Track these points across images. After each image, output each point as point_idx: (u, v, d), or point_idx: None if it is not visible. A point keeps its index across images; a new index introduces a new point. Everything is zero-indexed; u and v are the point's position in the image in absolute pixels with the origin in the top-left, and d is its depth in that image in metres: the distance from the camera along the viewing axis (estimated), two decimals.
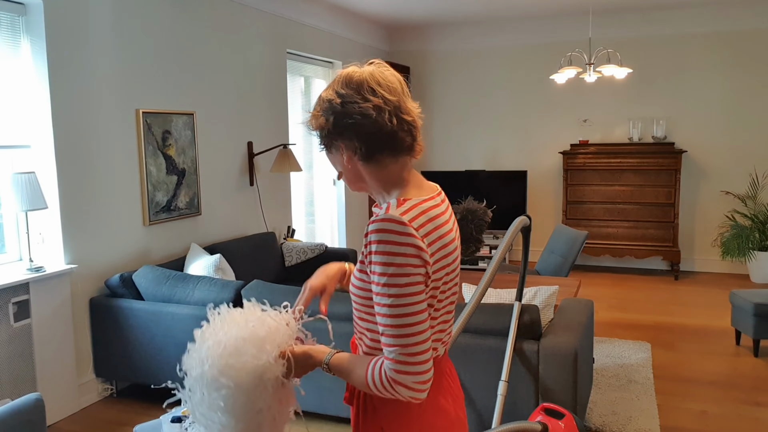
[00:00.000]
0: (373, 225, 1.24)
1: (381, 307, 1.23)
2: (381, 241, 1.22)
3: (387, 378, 1.22)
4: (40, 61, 3.45)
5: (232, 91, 5.00)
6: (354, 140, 1.30)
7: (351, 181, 1.40)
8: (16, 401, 2.03)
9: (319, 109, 1.33)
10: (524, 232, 2.92)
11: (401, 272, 1.21)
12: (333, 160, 1.40)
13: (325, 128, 1.32)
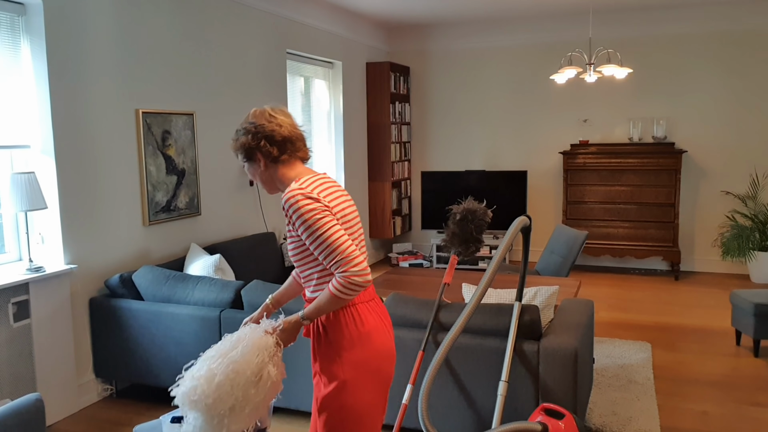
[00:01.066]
0: (284, 200, 1.82)
1: (317, 245, 1.79)
2: (292, 206, 1.80)
3: (343, 281, 1.77)
4: (40, 61, 3.45)
5: (231, 91, 5.00)
6: (267, 147, 1.92)
7: (266, 182, 1.96)
8: (16, 401, 2.02)
9: (240, 134, 1.99)
10: (524, 232, 2.92)
11: (315, 217, 1.79)
12: (252, 170, 1.97)
13: (246, 144, 1.96)
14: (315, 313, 1.85)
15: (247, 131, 1.97)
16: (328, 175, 2.05)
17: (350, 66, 6.92)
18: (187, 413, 1.81)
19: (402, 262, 7.27)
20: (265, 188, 1.98)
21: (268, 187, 1.97)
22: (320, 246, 1.79)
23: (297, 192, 1.81)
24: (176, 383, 1.83)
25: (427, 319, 3.01)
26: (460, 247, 3.17)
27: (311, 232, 1.79)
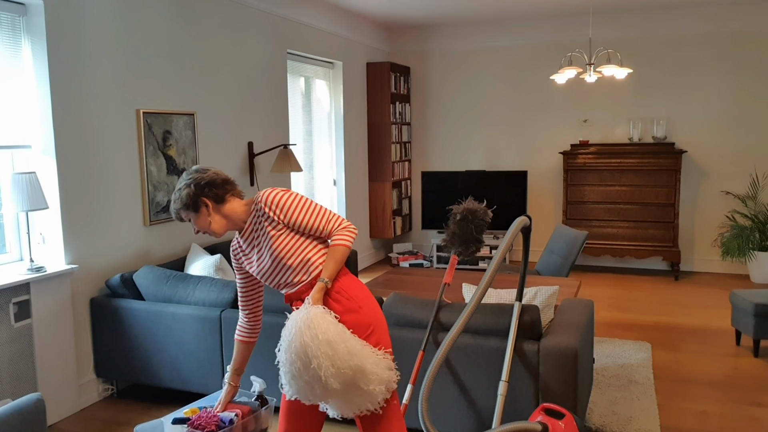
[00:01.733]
0: (266, 197, 2.08)
1: (315, 215, 2.10)
2: (275, 198, 2.08)
3: (347, 232, 2.13)
4: (41, 62, 3.45)
5: (232, 91, 5.01)
6: (210, 192, 2.09)
7: (217, 224, 2.12)
8: (17, 401, 2.03)
9: (181, 193, 2.09)
10: (524, 233, 2.92)
11: (298, 196, 2.11)
12: (201, 219, 2.11)
13: (190, 194, 2.08)
14: (334, 271, 2.08)
15: (188, 185, 2.10)
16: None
17: (350, 66, 6.92)
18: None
19: (402, 262, 7.27)
20: (216, 233, 2.12)
21: (218, 227, 2.12)
22: (318, 214, 2.10)
23: (269, 189, 2.10)
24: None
25: (427, 319, 3.02)
26: (461, 247, 3.17)
27: (304, 208, 2.09)
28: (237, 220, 2.13)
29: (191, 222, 2.12)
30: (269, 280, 2.16)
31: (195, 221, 2.11)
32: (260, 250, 2.13)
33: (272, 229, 2.08)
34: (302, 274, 2.12)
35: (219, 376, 3.49)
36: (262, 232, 2.11)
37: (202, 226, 2.11)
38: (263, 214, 2.08)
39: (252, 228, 2.14)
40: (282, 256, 2.09)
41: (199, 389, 3.56)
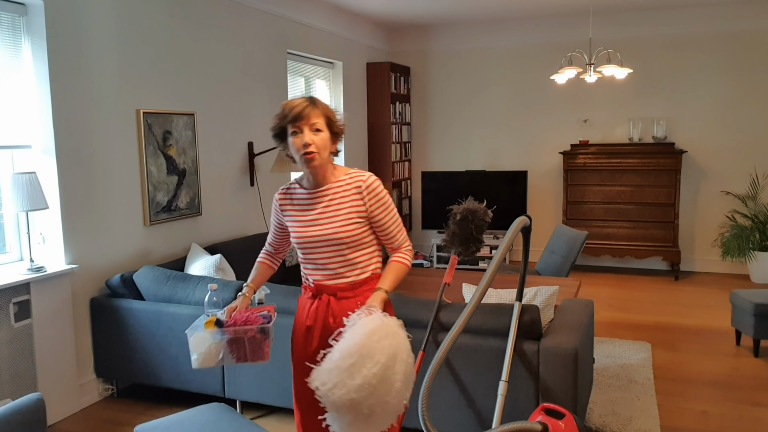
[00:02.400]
0: (370, 180, 2.11)
1: (392, 222, 2.14)
2: (376, 188, 2.11)
3: (410, 253, 2.19)
4: (41, 62, 3.45)
5: (232, 91, 5.01)
6: (342, 132, 2.15)
7: (324, 148, 2.06)
8: (17, 401, 2.03)
9: (325, 104, 2.12)
10: (524, 233, 2.92)
11: (391, 201, 2.17)
12: (322, 134, 2.05)
13: (334, 112, 2.13)
14: (393, 286, 2.10)
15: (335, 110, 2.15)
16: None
17: (351, 66, 6.92)
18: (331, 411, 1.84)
19: None
20: (315, 153, 2.03)
21: (324, 150, 2.05)
22: (397, 222, 2.15)
23: (372, 175, 2.14)
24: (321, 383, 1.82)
25: (427, 319, 3.02)
26: (461, 247, 3.17)
27: (391, 210, 2.13)
28: (324, 165, 2.08)
29: (305, 127, 2.02)
30: (308, 250, 2.11)
31: (312, 128, 2.02)
32: (323, 217, 2.09)
33: (353, 209, 2.07)
34: (349, 268, 2.10)
35: (219, 376, 3.49)
36: (341, 204, 2.08)
37: (314, 140, 2.02)
38: (358, 192, 2.08)
39: (334, 192, 2.10)
40: (343, 239, 2.06)
41: (198, 389, 3.56)
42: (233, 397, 3.50)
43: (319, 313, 2.13)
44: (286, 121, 2.03)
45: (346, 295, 2.11)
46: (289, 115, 2.02)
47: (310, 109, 2.02)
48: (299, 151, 2.02)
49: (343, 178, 2.11)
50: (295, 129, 2.02)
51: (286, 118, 2.03)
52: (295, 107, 2.02)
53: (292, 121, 2.02)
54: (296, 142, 2.02)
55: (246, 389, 3.43)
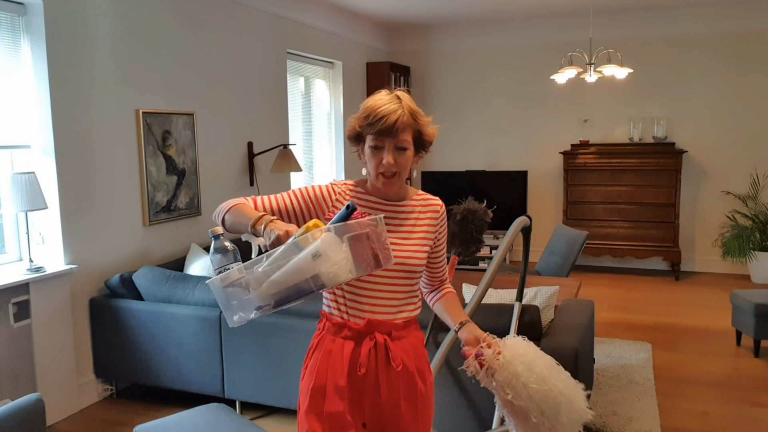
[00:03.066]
0: (442, 208, 1.87)
1: (443, 255, 1.90)
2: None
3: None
4: (40, 61, 3.45)
5: (232, 91, 5.00)
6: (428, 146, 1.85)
7: (405, 167, 1.76)
8: (16, 402, 2.02)
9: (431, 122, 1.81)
10: (525, 233, 2.91)
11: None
12: (407, 155, 1.75)
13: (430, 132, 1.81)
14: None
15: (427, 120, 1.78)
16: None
17: (350, 66, 6.92)
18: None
19: None
20: (393, 185, 1.74)
21: (404, 169, 1.74)
22: (444, 256, 1.93)
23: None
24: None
25: (427, 319, 3.01)
26: (461, 248, 3.17)
27: (444, 243, 1.90)
28: (402, 183, 1.78)
29: (390, 145, 1.67)
30: (371, 276, 1.67)
31: (398, 146, 1.68)
32: (399, 238, 1.74)
33: (427, 234, 1.79)
34: (411, 302, 1.77)
35: (219, 376, 3.49)
36: (415, 225, 1.78)
37: (398, 161, 1.69)
38: (434, 216, 1.82)
39: (409, 211, 1.79)
40: (416, 266, 1.74)
41: (198, 389, 3.55)
42: (233, 397, 3.49)
43: (380, 359, 1.68)
44: (369, 131, 1.68)
45: (400, 334, 1.72)
46: (375, 126, 1.66)
47: (402, 124, 1.66)
48: (376, 170, 1.70)
49: (416, 198, 1.83)
50: (377, 143, 1.68)
51: (370, 128, 1.67)
52: (384, 118, 1.65)
53: (377, 134, 1.66)
54: (374, 160, 1.70)
55: (246, 390, 3.43)
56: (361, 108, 1.71)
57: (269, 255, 1.47)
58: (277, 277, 1.44)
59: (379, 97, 1.70)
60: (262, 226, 1.58)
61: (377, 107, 1.67)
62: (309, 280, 1.43)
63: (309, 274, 1.42)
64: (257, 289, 1.46)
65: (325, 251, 1.43)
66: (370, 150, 1.70)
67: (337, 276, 1.45)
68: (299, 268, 1.42)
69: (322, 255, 1.42)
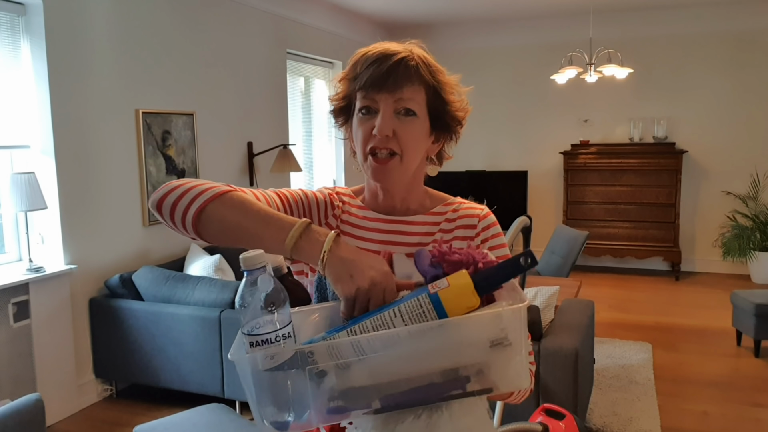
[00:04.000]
0: (492, 216, 1.21)
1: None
2: (496, 225, 1.22)
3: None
4: (40, 61, 3.45)
5: (232, 91, 5.00)
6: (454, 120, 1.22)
7: (416, 148, 1.14)
8: (16, 402, 2.02)
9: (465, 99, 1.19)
10: (525, 233, 2.91)
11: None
12: (418, 124, 1.13)
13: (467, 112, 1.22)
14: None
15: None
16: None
17: None
18: None
19: None
20: (389, 170, 1.09)
21: (415, 151, 1.12)
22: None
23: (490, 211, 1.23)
24: None
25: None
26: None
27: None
28: (409, 179, 1.15)
29: (386, 102, 1.07)
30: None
31: (399, 106, 1.07)
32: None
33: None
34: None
35: (218, 376, 3.48)
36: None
37: (397, 129, 1.07)
38: (469, 231, 1.18)
39: (425, 236, 1.16)
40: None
41: (198, 389, 3.55)
42: (232, 397, 3.49)
43: None
44: (356, 86, 1.10)
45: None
46: (365, 74, 1.08)
47: (408, 70, 1.07)
48: (365, 146, 1.09)
49: (440, 209, 1.20)
50: (368, 102, 1.08)
51: (355, 80, 1.10)
52: (379, 60, 1.07)
53: (367, 87, 1.07)
54: (363, 131, 1.09)
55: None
56: (349, 61, 1.18)
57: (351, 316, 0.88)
58: (395, 361, 0.81)
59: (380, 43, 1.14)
60: (321, 252, 0.91)
61: (372, 48, 1.12)
62: (463, 378, 0.84)
63: (472, 369, 0.84)
64: (343, 377, 0.81)
65: (514, 337, 0.86)
66: (358, 118, 1.10)
67: (520, 379, 0.88)
68: (450, 355, 0.83)
69: (513, 343, 0.85)
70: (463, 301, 0.83)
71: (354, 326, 0.84)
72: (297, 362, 0.80)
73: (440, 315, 0.83)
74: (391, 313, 0.83)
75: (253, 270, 0.83)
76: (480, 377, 0.85)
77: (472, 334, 0.83)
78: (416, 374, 0.82)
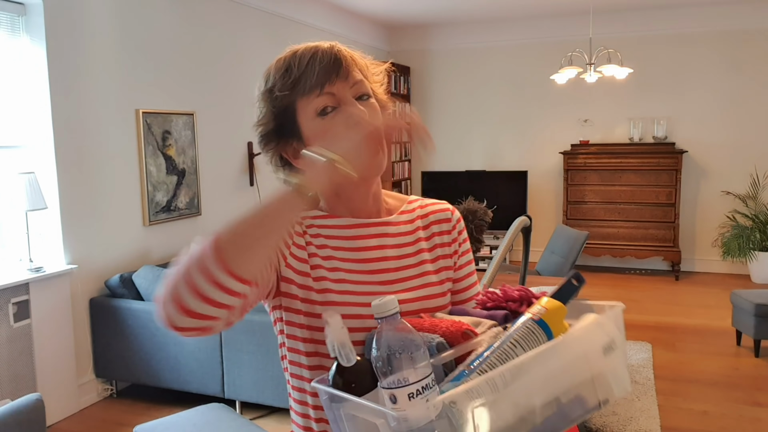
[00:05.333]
0: (454, 213, 1.18)
1: (471, 266, 1.20)
2: (462, 219, 1.21)
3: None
4: (40, 61, 3.45)
5: (232, 91, 5.00)
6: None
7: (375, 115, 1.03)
8: (16, 401, 2.02)
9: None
10: (525, 233, 2.92)
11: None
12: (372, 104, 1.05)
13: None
14: None
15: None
16: None
17: None
18: None
19: None
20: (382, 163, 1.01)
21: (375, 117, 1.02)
22: (474, 280, 1.20)
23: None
24: None
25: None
26: None
27: (471, 258, 1.21)
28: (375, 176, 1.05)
29: (346, 92, 1.01)
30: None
31: (357, 92, 1.02)
32: (403, 272, 1.09)
33: (438, 264, 1.13)
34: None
35: (218, 376, 3.48)
36: (418, 254, 1.11)
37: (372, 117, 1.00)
38: (445, 228, 1.15)
39: (406, 235, 1.11)
40: (438, 308, 1.09)
41: (198, 389, 3.55)
42: (232, 397, 3.49)
43: None
44: (301, 90, 1.03)
45: None
46: (309, 70, 1.03)
47: (346, 55, 1.03)
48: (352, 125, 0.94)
49: (407, 207, 1.15)
50: (327, 100, 1.00)
51: (302, 80, 1.03)
52: (319, 53, 1.04)
53: (319, 82, 1.00)
54: (337, 121, 0.99)
55: (245, 390, 3.43)
56: (264, 76, 1.11)
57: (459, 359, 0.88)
58: (527, 389, 0.81)
59: (285, 49, 1.11)
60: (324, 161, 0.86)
61: (293, 51, 1.09)
62: (590, 396, 0.86)
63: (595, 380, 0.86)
64: (483, 419, 0.77)
65: (618, 340, 0.89)
66: (320, 122, 0.99)
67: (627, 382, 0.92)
68: (575, 371, 0.85)
69: (618, 347, 0.89)
70: (561, 322, 0.88)
71: (480, 364, 0.83)
72: (443, 414, 0.76)
73: (549, 336, 0.86)
74: (509, 344, 0.84)
75: (387, 317, 0.80)
76: (601, 387, 0.87)
77: (589, 343, 0.86)
78: (549, 398, 0.83)
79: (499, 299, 1.00)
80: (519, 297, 0.98)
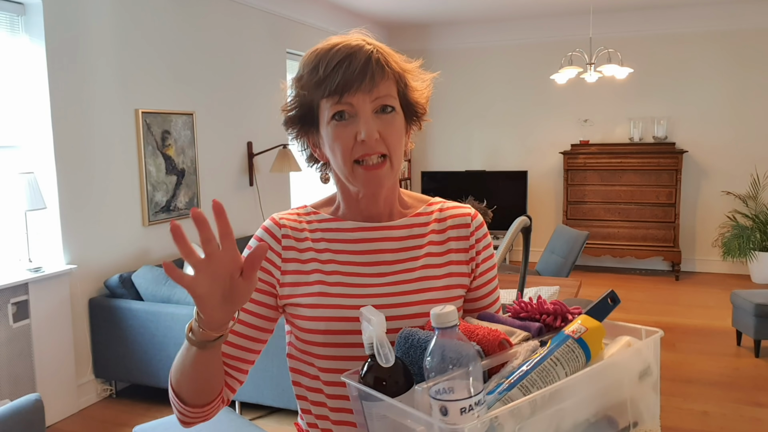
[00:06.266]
0: (474, 220, 1.15)
1: (496, 281, 1.20)
2: (483, 227, 1.18)
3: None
4: (40, 61, 3.44)
5: (232, 91, 5.00)
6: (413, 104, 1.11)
7: (398, 142, 1.04)
8: (15, 402, 2.02)
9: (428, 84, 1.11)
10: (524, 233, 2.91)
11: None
12: (396, 123, 1.04)
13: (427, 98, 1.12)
14: None
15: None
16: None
17: None
18: None
19: None
20: (382, 177, 1.02)
21: (397, 144, 1.03)
22: (496, 296, 1.19)
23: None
24: None
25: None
26: None
27: (493, 264, 1.18)
28: (395, 182, 1.09)
29: (365, 104, 0.98)
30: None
31: (377, 105, 1.00)
32: (408, 276, 1.07)
33: (454, 265, 1.11)
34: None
35: None
36: (427, 261, 1.09)
37: (382, 131, 1.00)
38: (463, 233, 1.13)
39: (416, 238, 1.11)
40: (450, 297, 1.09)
41: None
42: (233, 397, 3.48)
43: None
44: (322, 92, 0.99)
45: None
46: (333, 76, 0.97)
47: (379, 64, 0.99)
48: (349, 155, 1.00)
49: (425, 209, 1.14)
50: (343, 107, 0.99)
51: (325, 84, 0.98)
52: (348, 59, 0.98)
53: (339, 90, 0.98)
54: (343, 139, 0.99)
55: (245, 390, 3.42)
56: (300, 63, 1.04)
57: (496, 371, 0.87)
58: (565, 410, 0.82)
59: (329, 39, 1.03)
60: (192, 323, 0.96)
61: (330, 46, 1.00)
62: (621, 418, 0.86)
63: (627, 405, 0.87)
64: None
65: (654, 366, 0.90)
66: (333, 127, 1.00)
67: (657, 409, 0.92)
68: (612, 393, 0.86)
69: (654, 373, 0.89)
70: (599, 342, 0.90)
71: (519, 378, 0.83)
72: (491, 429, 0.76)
73: (587, 357, 0.88)
74: (550, 362, 0.84)
75: (446, 328, 0.80)
76: (633, 411, 0.88)
77: (628, 369, 0.87)
78: (582, 418, 0.83)
79: (534, 311, 1.00)
80: (554, 311, 0.98)
